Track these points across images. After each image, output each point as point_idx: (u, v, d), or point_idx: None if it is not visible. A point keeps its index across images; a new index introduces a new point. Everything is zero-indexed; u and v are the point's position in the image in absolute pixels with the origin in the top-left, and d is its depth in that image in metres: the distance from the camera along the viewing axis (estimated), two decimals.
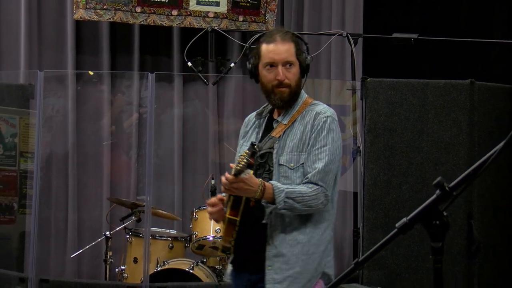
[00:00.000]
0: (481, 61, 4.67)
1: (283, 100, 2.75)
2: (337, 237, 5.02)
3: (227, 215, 2.64)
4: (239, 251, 2.73)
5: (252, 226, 2.70)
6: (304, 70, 2.79)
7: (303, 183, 2.68)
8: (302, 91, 2.85)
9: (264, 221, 2.68)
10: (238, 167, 2.50)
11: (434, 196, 1.43)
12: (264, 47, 2.76)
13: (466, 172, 1.41)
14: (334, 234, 2.84)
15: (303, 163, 2.70)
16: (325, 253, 2.76)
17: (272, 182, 2.64)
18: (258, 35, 2.87)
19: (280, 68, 2.72)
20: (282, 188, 2.62)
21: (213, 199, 2.76)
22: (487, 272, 3.92)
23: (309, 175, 2.67)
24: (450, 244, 3.69)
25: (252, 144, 2.63)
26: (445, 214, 1.45)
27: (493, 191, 4.00)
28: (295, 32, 2.85)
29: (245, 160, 2.49)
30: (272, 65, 2.74)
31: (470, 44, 4.48)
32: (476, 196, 3.83)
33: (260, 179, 2.61)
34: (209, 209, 2.77)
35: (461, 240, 3.75)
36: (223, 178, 2.61)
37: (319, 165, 2.68)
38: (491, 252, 3.97)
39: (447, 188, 1.42)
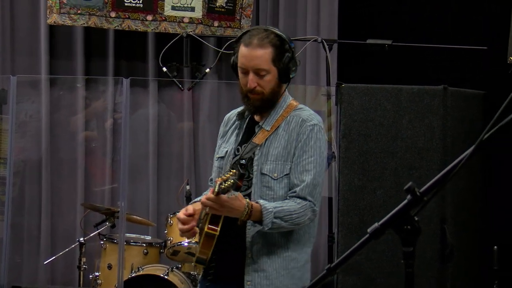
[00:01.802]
0: (454, 67, 4.71)
1: (255, 106, 2.64)
2: None
3: (206, 229, 2.51)
4: (217, 264, 2.65)
5: (232, 239, 2.61)
6: (283, 76, 2.63)
7: (290, 197, 2.59)
8: (287, 93, 2.73)
9: (246, 239, 2.61)
10: (223, 186, 2.35)
11: (405, 201, 1.44)
12: (241, 49, 2.62)
13: (437, 177, 1.42)
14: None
15: (287, 174, 2.60)
16: (305, 267, 2.72)
17: (261, 202, 2.53)
18: (243, 32, 2.69)
19: (250, 75, 2.59)
20: (270, 209, 2.50)
21: (184, 216, 2.60)
22: (460, 276, 3.95)
23: (297, 189, 2.58)
24: (424, 249, 3.71)
25: (242, 165, 2.55)
26: (416, 219, 1.46)
27: (465, 196, 4.04)
28: (280, 33, 2.65)
29: (232, 181, 2.34)
30: (244, 71, 2.62)
31: (443, 50, 4.52)
32: (449, 201, 3.86)
33: (247, 200, 2.49)
34: (180, 226, 2.61)
35: (435, 244, 3.77)
36: (203, 198, 2.48)
37: (307, 177, 2.58)
38: (464, 256, 4.00)
39: (418, 193, 1.43)
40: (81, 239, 4.57)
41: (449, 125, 3.90)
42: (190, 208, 2.63)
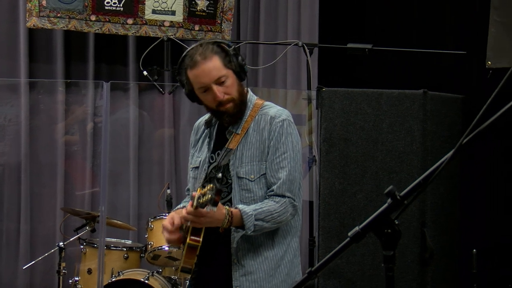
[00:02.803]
0: (434, 72, 4.75)
1: (232, 115, 2.64)
2: None
3: (188, 241, 2.51)
4: (203, 271, 2.65)
5: (217, 247, 2.62)
6: (240, 73, 2.65)
7: (268, 196, 2.60)
8: (251, 93, 2.73)
9: (232, 245, 2.61)
10: (201, 201, 2.35)
11: (386, 205, 1.45)
12: (190, 73, 2.61)
13: (417, 181, 1.43)
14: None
15: (264, 174, 2.61)
16: (293, 262, 2.72)
17: (240, 207, 2.53)
18: (180, 59, 2.68)
19: (214, 88, 2.58)
20: (250, 213, 2.51)
21: (170, 226, 2.57)
22: (440, 279, 3.97)
23: (274, 187, 2.59)
24: (404, 253, 3.73)
25: (218, 179, 2.55)
26: (396, 222, 1.46)
27: (445, 200, 4.06)
28: (213, 40, 2.69)
29: (209, 195, 2.33)
30: (206, 88, 2.61)
31: (423, 55, 4.55)
32: (429, 205, 3.88)
33: (226, 208, 2.49)
34: (167, 235, 2.59)
35: (415, 248, 3.79)
36: (183, 211, 2.48)
37: (282, 174, 2.59)
38: (444, 259, 4.02)
39: (398, 197, 1.43)
40: (61, 243, 4.53)
41: (429, 129, 3.93)
42: (176, 218, 2.59)
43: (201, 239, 2.52)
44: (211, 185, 2.37)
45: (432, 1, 4.94)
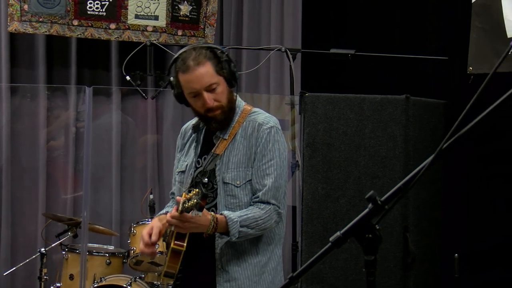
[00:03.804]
0: (416, 77, 4.77)
1: (219, 121, 2.64)
2: None
3: (172, 245, 2.51)
4: (187, 276, 2.65)
5: (201, 252, 2.61)
6: (231, 80, 2.65)
7: (254, 202, 2.59)
8: (239, 99, 2.73)
9: (216, 250, 2.60)
10: (186, 205, 2.35)
11: (367, 210, 1.45)
12: (181, 77, 2.61)
13: (397, 186, 1.43)
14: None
15: (249, 180, 2.61)
16: (277, 269, 2.72)
17: (225, 213, 2.53)
18: (172, 60, 2.67)
19: (205, 95, 2.58)
20: (236, 219, 2.51)
21: (147, 238, 2.53)
22: (422, 284, 3.99)
23: (260, 194, 2.58)
24: (387, 257, 3.74)
25: (204, 184, 2.55)
26: (377, 227, 1.46)
27: (427, 205, 4.08)
28: (207, 44, 2.68)
29: (195, 200, 2.33)
30: (196, 94, 2.61)
31: (405, 60, 4.57)
32: (411, 210, 3.89)
33: (212, 214, 2.48)
34: (141, 246, 2.55)
35: (397, 253, 3.80)
36: (168, 216, 2.46)
37: (268, 181, 2.59)
38: (426, 264, 4.04)
39: (379, 202, 1.44)
40: (42, 249, 4.50)
41: (411, 134, 3.94)
42: (155, 231, 2.55)
43: (185, 244, 2.51)
44: (197, 190, 2.37)
45: (414, 7, 4.97)
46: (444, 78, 4.63)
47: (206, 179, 2.60)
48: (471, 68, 4.15)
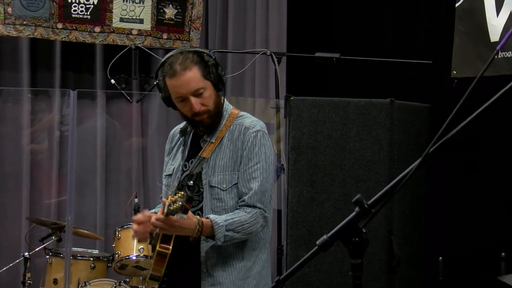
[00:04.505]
0: (400, 81, 4.79)
1: (206, 125, 2.64)
2: None
3: (158, 248, 2.51)
4: (172, 279, 2.64)
5: (186, 255, 2.61)
6: (218, 84, 2.64)
7: (240, 206, 2.59)
8: (227, 102, 2.73)
9: (201, 254, 2.61)
10: (172, 208, 2.34)
11: (353, 213, 1.45)
12: (168, 81, 2.61)
13: (384, 190, 1.44)
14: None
15: (236, 183, 2.61)
16: (262, 274, 2.72)
17: (211, 217, 2.52)
18: (160, 64, 2.68)
19: (191, 99, 2.58)
20: (221, 223, 2.50)
21: (140, 216, 2.58)
22: (407, 287, 4.00)
23: (246, 198, 2.58)
24: (372, 261, 3.75)
25: (189, 186, 2.54)
26: (364, 231, 1.47)
27: (412, 208, 4.10)
28: (195, 49, 2.69)
29: (180, 203, 2.33)
30: (183, 98, 2.61)
31: (390, 64, 4.59)
32: (396, 213, 3.91)
33: (197, 217, 2.48)
34: (135, 226, 2.58)
35: (382, 256, 3.81)
36: (153, 219, 2.46)
37: (254, 185, 2.58)
38: (411, 267, 4.06)
39: (366, 205, 1.44)
40: (26, 253, 4.46)
41: (396, 137, 3.96)
42: (146, 212, 2.60)
43: (170, 247, 2.51)
44: (182, 192, 2.37)
45: (398, 11, 4.99)
46: (428, 82, 4.66)
47: (191, 182, 2.60)
48: (455, 72, 4.18)
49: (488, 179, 4.20)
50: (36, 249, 4.54)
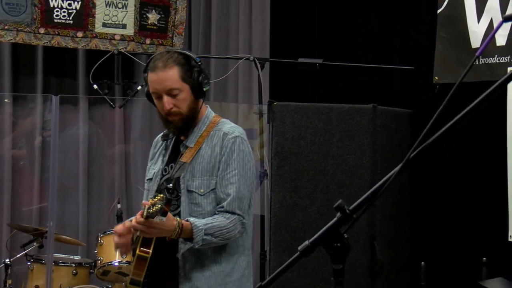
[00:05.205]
0: (383, 87, 4.81)
1: (178, 128, 2.66)
2: None
3: (138, 252, 2.51)
4: (151, 283, 2.63)
5: (165, 258, 2.61)
6: (197, 90, 2.65)
7: (218, 212, 2.60)
8: (209, 109, 2.75)
9: (177, 256, 2.62)
10: (151, 211, 2.35)
11: (335, 219, 1.45)
12: (149, 76, 2.63)
13: (366, 195, 1.44)
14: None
15: (214, 189, 2.62)
16: (242, 281, 2.71)
17: (191, 220, 2.53)
18: (149, 59, 2.71)
19: (164, 98, 2.60)
20: (201, 227, 2.51)
21: (120, 227, 2.58)
22: None
23: (224, 204, 2.59)
24: (354, 266, 3.76)
25: (168, 189, 2.55)
26: (346, 236, 1.47)
27: (394, 213, 4.11)
28: (183, 51, 2.70)
29: (159, 205, 2.35)
30: (158, 95, 2.62)
31: (372, 70, 4.61)
32: (378, 218, 3.92)
33: (177, 220, 2.49)
34: (116, 238, 2.59)
35: (365, 261, 3.82)
36: (133, 220, 2.47)
37: (232, 190, 2.59)
38: (394, 272, 4.07)
39: (347, 211, 1.44)
40: (7, 260, 4.43)
41: (379, 143, 3.98)
42: (127, 223, 2.60)
43: (151, 251, 2.52)
44: (161, 195, 2.39)
45: (381, 18, 5.02)
46: (410, 88, 4.68)
47: (170, 185, 2.61)
48: (436, 78, 4.21)
49: (470, 184, 4.23)
50: (18, 256, 4.51)
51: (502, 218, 3.74)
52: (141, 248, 2.52)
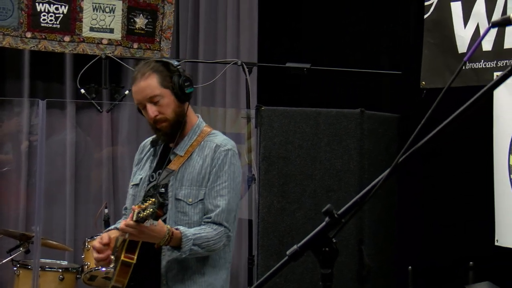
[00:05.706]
0: (370, 91, 4.82)
1: (166, 134, 2.67)
2: (232, 265, 5.01)
3: (122, 258, 2.48)
4: None
5: (147, 265, 2.60)
6: (180, 93, 2.65)
7: (205, 222, 2.60)
8: (200, 119, 2.76)
9: (161, 263, 2.60)
10: (141, 215, 2.33)
11: (324, 223, 1.45)
12: (132, 88, 2.69)
13: (354, 199, 1.44)
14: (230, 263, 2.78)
15: (202, 199, 2.61)
16: None
17: (181, 229, 2.52)
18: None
19: (148, 106, 2.62)
20: (190, 237, 2.51)
21: (97, 245, 2.55)
22: None
23: (212, 215, 2.59)
24: (342, 270, 3.76)
25: (161, 193, 2.54)
26: (334, 240, 1.47)
27: (382, 218, 4.12)
28: (160, 58, 2.72)
29: (151, 209, 2.32)
30: (142, 106, 2.65)
31: (360, 75, 4.62)
32: (367, 223, 3.93)
33: (167, 226, 2.48)
34: (95, 255, 2.56)
35: (353, 266, 3.83)
36: (122, 224, 2.45)
37: (222, 202, 2.60)
38: (381, 276, 4.07)
39: (336, 215, 1.44)
40: None
41: (366, 147, 3.99)
42: (105, 236, 2.58)
43: (135, 257, 2.49)
44: (153, 199, 2.37)
45: (368, 23, 5.03)
46: (397, 93, 4.70)
47: (163, 189, 2.60)
48: (424, 83, 4.22)
49: (457, 190, 4.24)
50: (4, 261, 4.48)
51: (488, 223, 3.75)
52: (126, 254, 2.49)
